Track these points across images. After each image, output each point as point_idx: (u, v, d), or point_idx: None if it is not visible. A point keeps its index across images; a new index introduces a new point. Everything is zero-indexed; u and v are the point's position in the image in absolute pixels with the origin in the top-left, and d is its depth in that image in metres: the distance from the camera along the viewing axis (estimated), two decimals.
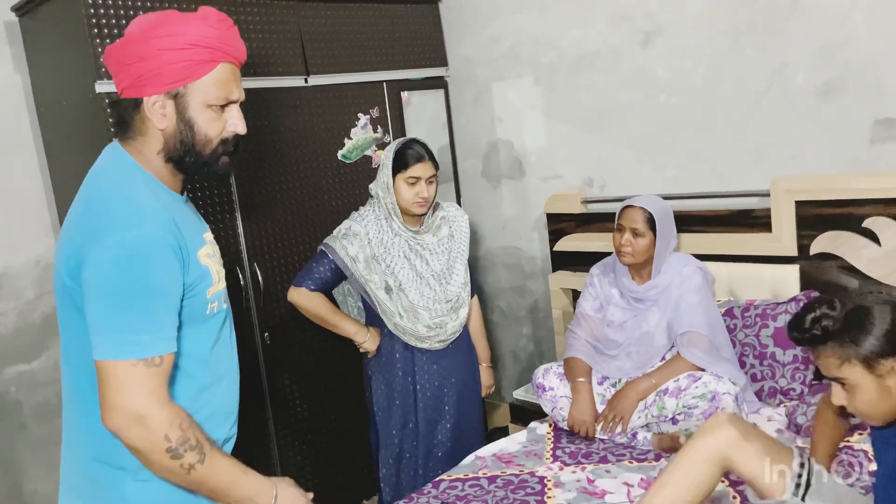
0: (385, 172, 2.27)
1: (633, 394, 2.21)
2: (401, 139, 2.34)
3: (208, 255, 1.33)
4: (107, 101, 2.21)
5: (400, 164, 2.25)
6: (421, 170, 2.25)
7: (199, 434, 1.22)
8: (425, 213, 2.33)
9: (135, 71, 1.24)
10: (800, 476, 1.52)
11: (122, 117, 1.30)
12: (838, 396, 1.40)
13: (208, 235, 1.39)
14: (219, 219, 2.55)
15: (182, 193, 1.38)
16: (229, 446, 1.43)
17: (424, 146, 2.29)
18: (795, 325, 1.40)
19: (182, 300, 1.24)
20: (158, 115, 1.26)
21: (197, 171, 1.35)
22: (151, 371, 1.16)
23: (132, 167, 1.27)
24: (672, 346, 2.30)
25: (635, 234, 2.28)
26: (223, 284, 1.37)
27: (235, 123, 1.32)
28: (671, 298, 2.29)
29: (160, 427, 1.16)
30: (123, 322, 1.15)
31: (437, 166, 2.31)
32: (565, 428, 2.32)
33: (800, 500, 1.51)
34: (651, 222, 2.29)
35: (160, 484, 1.24)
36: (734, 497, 1.81)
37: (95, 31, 2.21)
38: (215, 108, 1.29)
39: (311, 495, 1.44)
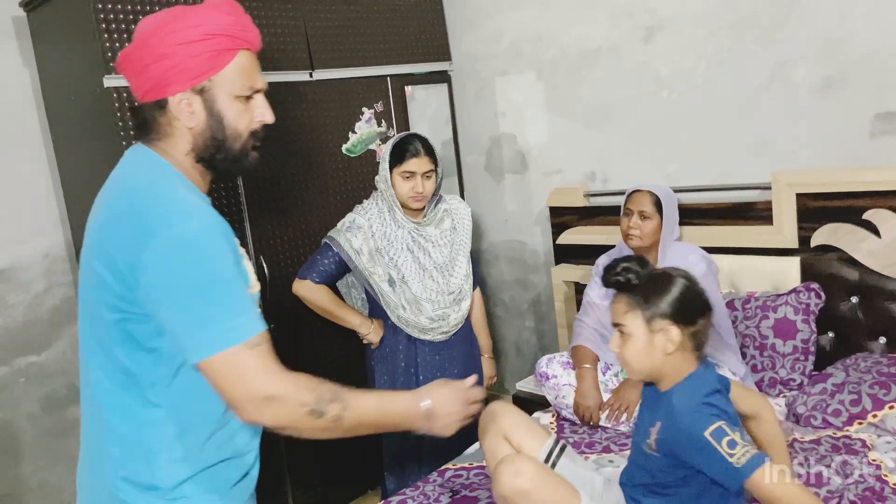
0: (383, 166, 2.29)
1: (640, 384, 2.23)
2: (401, 134, 2.36)
3: (243, 255, 1.27)
4: (116, 100, 2.24)
5: (396, 158, 2.27)
6: (416, 164, 2.26)
7: (330, 386, 1.19)
8: (424, 207, 2.35)
9: (155, 71, 1.18)
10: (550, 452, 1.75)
11: (145, 121, 1.24)
12: (615, 342, 1.57)
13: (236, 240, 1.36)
14: (225, 213, 2.58)
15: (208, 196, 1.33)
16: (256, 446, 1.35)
17: (423, 141, 2.31)
18: (609, 268, 1.59)
19: None
20: (186, 114, 1.21)
21: (228, 168, 1.29)
22: (255, 352, 1.11)
23: (165, 166, 1.22)
24: None
25: (643, 216, 2.33)
26: (258, 287, 1.31)
27: (263, 113, 1.27)
28: None
29: (291, 398, 1.13)
30: (208, 314, 1.09)
31: (435, 161, 2.31)
32: (568, 417, 2.34)
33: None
34: (658, 205, 2.34)
35: (192, 500, 1.19)
36: None
37: (103, 26, 2.23)
38: (242, 99, 1.24)
39: (469, 382, 1.42)
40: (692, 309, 1.52)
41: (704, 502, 1.49)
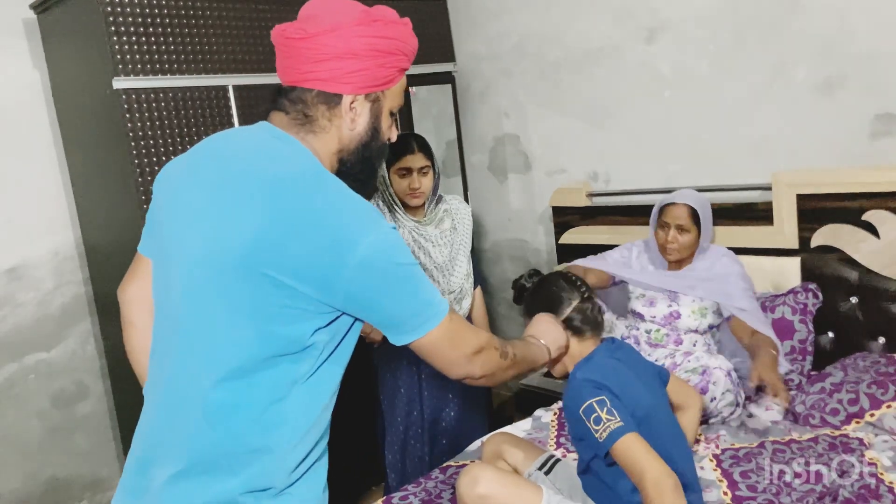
0: (382, 166, 2.33)
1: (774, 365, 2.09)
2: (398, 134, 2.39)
3: None
4: (125, 101, 2.27)
5: (392, 156, 2.31)
6: (410, 161, 2.29)
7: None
8: (423, 204, 2.37)
9: (337, 66, 1.17)
10: (545, 463, 1.86)
11: (296, 106, 1.20)
12: None
13: None
14: None
15: None
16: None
17: (418, 139, 2.35)
18: (512, 284, 1.81)
19: None
20: (351, 116, 1.21)
21: (356, 178, 1.26)
22: (457, 316, 1.22)
23: (320, 166, 1.18)
24: (695, 330, 2.34)
25: (681, 230, 2.32)
26: None
27: (394, 131, 1.31)
28: (709, 283, 2.32)
29: (489, 345, 1.27)
30: (419, 298, 1.17)
31: (431, 159, 2.34)
32: None
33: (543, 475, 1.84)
34: (695, 217, 2.32)
35: (298, 497, 1.18)
36: (725, 494, 1.85)
37: (113, 28, 2.26)
38: (391, 115, 1.27)
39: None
40: (551, 303, 1.70)
41: (628, 479, 1.52)
